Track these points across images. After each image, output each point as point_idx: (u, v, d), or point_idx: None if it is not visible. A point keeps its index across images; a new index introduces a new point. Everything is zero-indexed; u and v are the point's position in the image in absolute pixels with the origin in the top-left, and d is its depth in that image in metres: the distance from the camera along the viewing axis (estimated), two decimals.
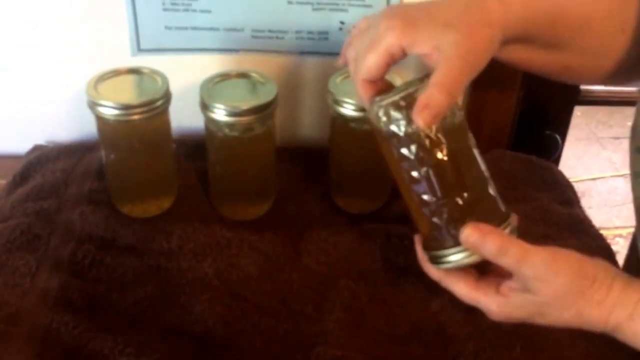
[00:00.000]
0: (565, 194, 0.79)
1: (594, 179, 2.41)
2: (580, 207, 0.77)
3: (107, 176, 0.73)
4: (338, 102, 0.69)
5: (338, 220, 0.74)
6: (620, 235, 2.19)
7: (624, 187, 2.41)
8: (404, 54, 0.54)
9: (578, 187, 0.84)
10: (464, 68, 0.51)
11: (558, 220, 0.74)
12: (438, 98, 0.50)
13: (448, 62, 0.51)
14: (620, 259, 0.71)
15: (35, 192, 0.73)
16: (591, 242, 0.71)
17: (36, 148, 0.84)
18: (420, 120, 0.49)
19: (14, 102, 0.84)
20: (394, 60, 0.54)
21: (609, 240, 0.74)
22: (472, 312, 0.62)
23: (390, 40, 0.52)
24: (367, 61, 0.54)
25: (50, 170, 0.77)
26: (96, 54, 0.80)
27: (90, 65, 0.78)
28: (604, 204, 2.31)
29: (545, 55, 0.61)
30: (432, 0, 0.56)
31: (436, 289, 0.64)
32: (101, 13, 0.78)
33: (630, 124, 0.62)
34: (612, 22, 0.60)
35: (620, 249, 2.09)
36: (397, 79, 0.67)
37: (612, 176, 2.45)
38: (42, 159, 0.79)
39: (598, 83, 0.67)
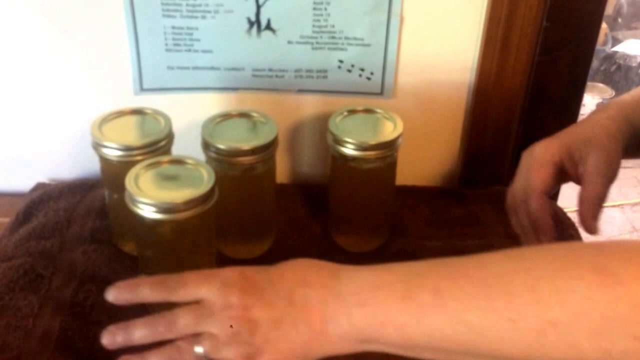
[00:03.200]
0: (566, 232, 0.79)
1: None
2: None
3: (109, 215, 0.74)
4: (338, 142, 0.70)
5: (337, 259, 0.73)
6: None
7: (620, 217, 2.41)
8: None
9: (574, 218, 0.84)
10: (607, 183, 0.62)
11: None
12: (591, 210, 0.61)
13: (594, 179, 0.61)
14: None
15: (37, 231, 0.74)
16: None
17: (39, 186, 0.84)
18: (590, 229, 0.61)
19: (18, 140, 0.85)
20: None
21: None
22: None
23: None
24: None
25: (53, 209, 0.77)
26: (99, 92, 0.81)
27: (93, 103, 0.80)
28: (600, 235, 2.31)
29: None
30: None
31: None
32: (105, 53, 0.79)
33: None
34: None
35: None
36: None
37: (608, 206, 2.46)
38: (45, 197, 0.80)
39: None
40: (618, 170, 0.63)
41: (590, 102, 2.83)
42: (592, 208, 0.61)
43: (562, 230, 0.80)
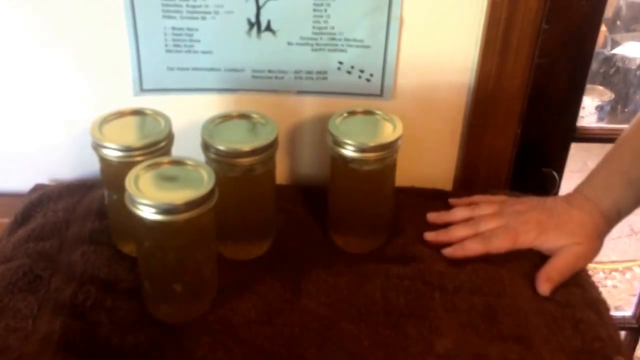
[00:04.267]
0: None
1: None
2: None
3: (109, 216, 0.74)
4: (338, 143, 0.70)
5: (337, 260, 0.74)
6: (617, 270, 2.18)
7: None
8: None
9: None
10: (575, 266, 0.72)
11: None
12: (556, 278, 0.71)
13: (564, 256, 0.72)
14: (618, 293, 0.72)
15: (36, 233, 0.73)
16: (588, 295, 0.71)
17: (37, 187, 0.84)
18: (542, 288, 0.70)
19: (17, 140, 0.85)
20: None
21: (605, 275, 0.74)
22: (478, 357, 0.62)
23: (527, 240, 0.74)
24: (500, 246, 0.74)
25: (52, 210, 0.77)
26: (99, 93, 0.81)
27: (93, 104, 0.80)
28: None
29: None
30: (555, 206, 0.76)
31: (439, 331, 0.64)
32: (105, 54, 0.79)
33: None
34: None
35: (618, 283, 2.09)
36: None
37: None
38: (44, 198, 0.80)
39: None
40: (589, 262, 0.74)
41: (589, 104, 2.83)
42: (553, 276, 0.71)
43: None
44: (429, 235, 0.77)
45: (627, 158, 0.73)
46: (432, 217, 0.80)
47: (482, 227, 0.75)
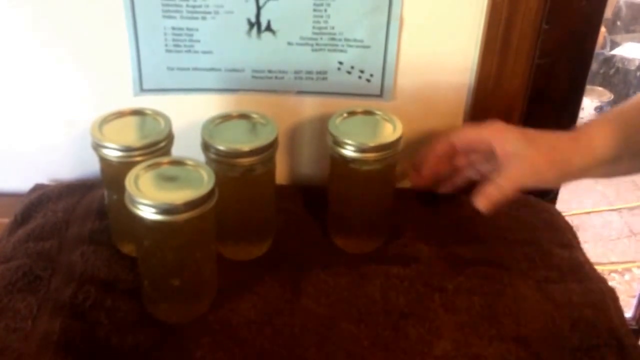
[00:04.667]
0: (565, 237, 0.79)
1: (587, 213, 2.42)
2: (580, 250, 0.77)
3: (109, 216, 0.74)
4: (338, 143, 0.70)
5: (337, 261, 0.74)
6: (616, 271, 2.19)
7: (619, 221, 2.41)
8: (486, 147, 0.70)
9: (572, 221, 0.84)
10: (526, 180, 0.67)
11: (559, 263, 0.74)
12: (495, 193, 0.68)
13: (514, 170, 0.67)
14: (617, 294, 0.72)
15: (36, 233, 0.73)
16: (594, 286, 0.71)
17: (37, 187, 0.84)
18: (480, 205, 0.68)
19: (17, 140, 0.85)
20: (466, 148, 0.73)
21: (604, 276, 0.74)
22: (477, 358, 0.62)
23: (485, 132, 0.70)
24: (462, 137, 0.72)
25: (51, 210, 0.77)
26: (99, 93, 0.81)
27: (92, 104, 0.80)
28: (598, 238, 2.31)
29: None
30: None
31: (438, 332, 0.64)
32: (105, 54, 0.79)
33: None
34: None
35: (617, 284, 2.09)
36: None
37: (606, 210, 2.46)
38: (43, 198, 0.80)
39: None
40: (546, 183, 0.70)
41: (589, 105, 2.83)
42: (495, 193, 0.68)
43: (560, 234, 0.80)
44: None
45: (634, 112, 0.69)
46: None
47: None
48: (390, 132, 0.72)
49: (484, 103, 0.84)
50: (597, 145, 0.66)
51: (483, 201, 0.68)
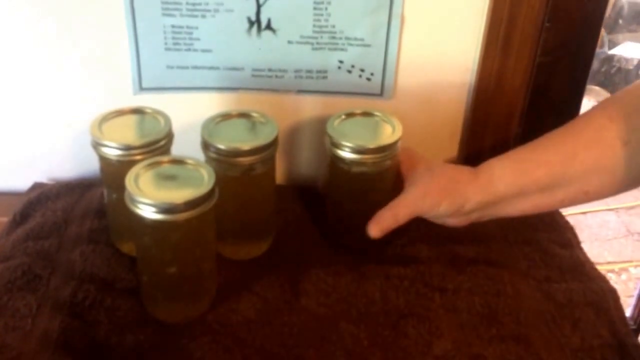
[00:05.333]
0: (564, 236, 0.79)
1: (584, 213, 2.42)
2: (580, 249, 0.77)
3: (108, 215, 0.73)
4: (336, 145, 0.70)
5: (337, 261, 0.74)
6: (613, 271, 2.19)
7: (615, 221, 2.42)
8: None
9: (572, 221, 0.84)
10: (418, 207, 0.67)
11: (559, 262, 0.74)
12: (387, 219, 0.67)
13: (409, 196, 0.67)
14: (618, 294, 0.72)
15: (35, 232, 0.73)
16: (595, 286, 0.71)
17: (36, 186, 0.84)
18: (371, 231, 0.66)
19: (16, 139, 0.85)
20: None
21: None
22: (477, 358, 0.62)
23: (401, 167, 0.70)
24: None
25: (51, 209, 0.77)
26: (98, 92, 0.81)
27: (92, 103, 0.80)
28: (594, 238, 2.32)
29: (547, 198, 0.66)
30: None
31: (438, 332, 0.64)
32: (104, 52, 0.79)
33: None
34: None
35: (614, 284, 2.09)
36: None
37: (602, 210, 2.46)
38: (42, 197, 0.79)
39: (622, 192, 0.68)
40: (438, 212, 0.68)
41: (586, 105, 2.83)
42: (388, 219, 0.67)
43: (561, 234, 0.80)
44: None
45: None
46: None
47: None
48: (389, 133, 0.71)
49: (485, 102, 0.83)
50: (496, 181, 0.67)
51: (375, 227, 0.67)
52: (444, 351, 0.63)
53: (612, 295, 0.70)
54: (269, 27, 0.78)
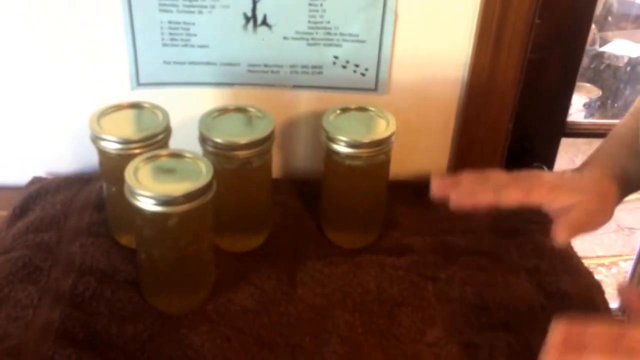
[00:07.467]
0: None
1: None
2: (569, 244, 0.79)
3: (107, 208, 0.74)
4: (332, 139, 0.71)
5: (332, 252, 0.75)
6: (603, 265, 2.21)
7: None
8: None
9: None
10: (586, 223, 0.66)
11: (550, 254, 0.76)
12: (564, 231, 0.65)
13: (576, 213, 0.65)
14: (604, 287, 0.74)
15: (35, 225, 0.74)
16: (582, 280, 0.73)
17: (35, 180, 0.85)
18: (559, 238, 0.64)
19: (15, 134, 0.86)
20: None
21: (591, 270, 0.76)
22: (468, 345, 0.63)
23: (539, 194, 0.66)
24: (511, 198, 0.65)
25: (50, 203, 0.78)
26: (96, 87, 0.82)
27: (90, 98, 0.80)
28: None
29: None
30: (564, 172, 0.72)
31: (431, 320, 0.66)
32: (102, 48, 0.80)
33: None
34: None
35: (604, 278, 2.11)
36: None
37: None
38: (42, 191, 0.80)
39: None
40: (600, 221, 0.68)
41: (577, 101, 2.85)
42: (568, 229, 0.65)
43: (551, 226, 0.81)
44: (436, 181, 0.65)
45: (631, 132, 0.71)
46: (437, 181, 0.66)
47: (492, 181, 0.66)
48: (383, 128, 0.72)
49: (477, 97, 0.85)
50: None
51: (561, 234, 0.65)
52: (436, 339, 0.64)
53: (597, 289, 0.72)
54: (264, 23, 0.79)
